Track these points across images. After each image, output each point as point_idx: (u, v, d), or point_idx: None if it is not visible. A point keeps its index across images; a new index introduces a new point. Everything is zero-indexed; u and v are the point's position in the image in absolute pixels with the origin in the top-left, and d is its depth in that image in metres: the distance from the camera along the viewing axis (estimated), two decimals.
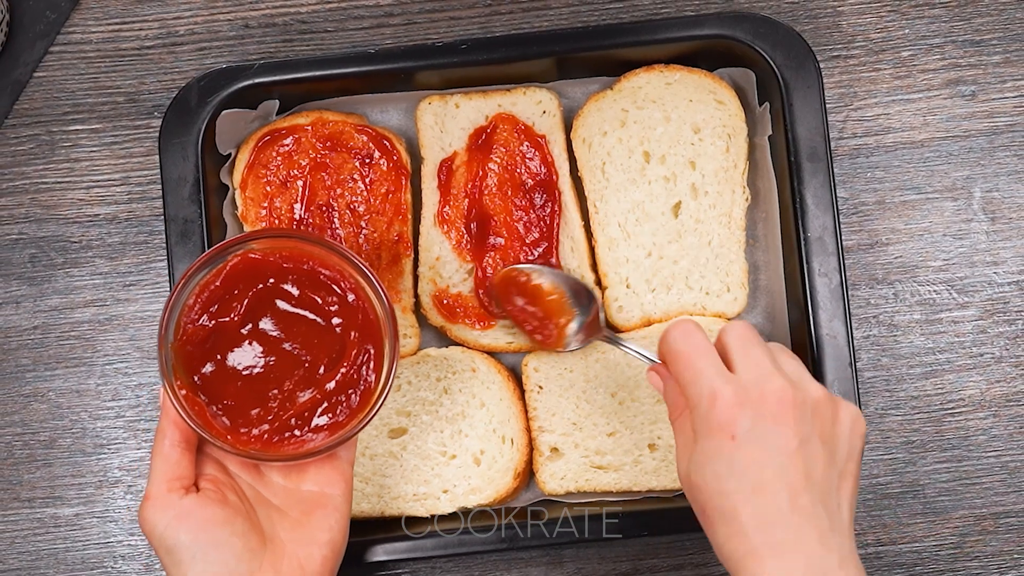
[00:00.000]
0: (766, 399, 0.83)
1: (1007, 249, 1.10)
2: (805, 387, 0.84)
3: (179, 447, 0.89)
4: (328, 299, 0.91)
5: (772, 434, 0.82)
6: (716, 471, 0.82)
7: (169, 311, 0.89)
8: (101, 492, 1.10)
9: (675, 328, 0.87)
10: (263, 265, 0.91)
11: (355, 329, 0.91)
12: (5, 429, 1.10)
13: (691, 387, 0.85)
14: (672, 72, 1.07)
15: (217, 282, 0.90)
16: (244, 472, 0.92)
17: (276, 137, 1.06)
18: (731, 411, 0.82)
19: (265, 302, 0.90)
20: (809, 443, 0.83)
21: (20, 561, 1.09)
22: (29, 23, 1.12)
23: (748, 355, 0.85)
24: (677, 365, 0.86)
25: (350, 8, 1.12)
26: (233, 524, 0.87)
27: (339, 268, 0.91)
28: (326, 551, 0.90)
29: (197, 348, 0.89)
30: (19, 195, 1.11)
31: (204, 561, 0.85)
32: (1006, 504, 1.09)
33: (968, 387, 1.10)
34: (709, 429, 0.83)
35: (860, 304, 1.10)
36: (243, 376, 0.90)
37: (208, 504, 0.87)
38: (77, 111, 1.12)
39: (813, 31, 1.11)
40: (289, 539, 0.90)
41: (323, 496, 0.91)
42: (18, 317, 1.11)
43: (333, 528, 0.90)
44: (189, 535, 0.86)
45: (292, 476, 0.92)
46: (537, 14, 1.12)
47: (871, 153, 1.11)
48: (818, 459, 0.83)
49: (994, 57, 1.11)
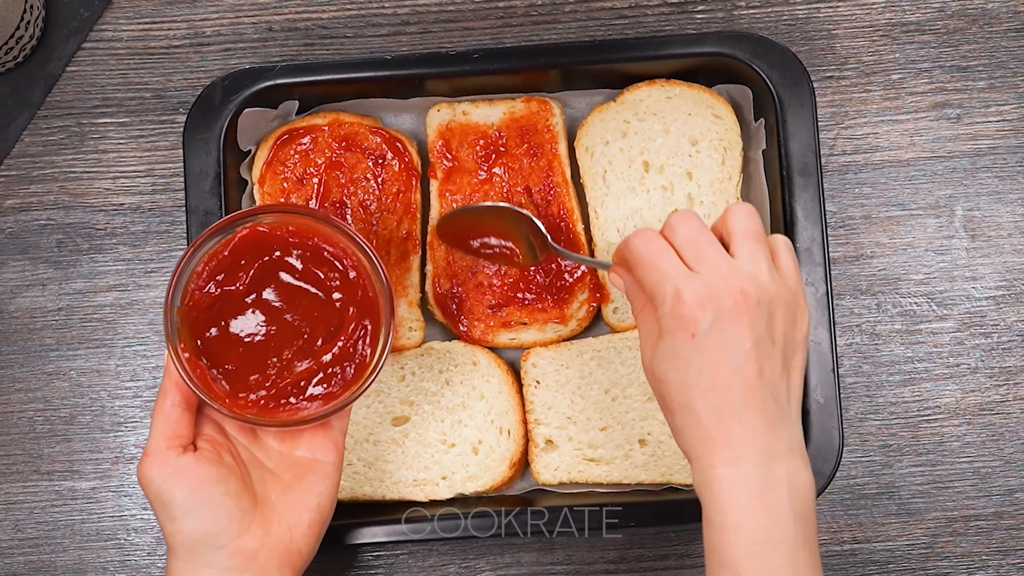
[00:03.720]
0: (724, 299, 0.83)
1: (985, 265, 1.10)
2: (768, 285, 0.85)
3: (179, 407, 0.89)
4: (330, 274, 0.91)
5: (729, 334, 0.83)
6: (677, 366, 0.84)
7: (177, 276, 0.88)
8: (117, 467, 1.11)
9: (636, 235, 0.87)
10: (270, 238, 0.91)
11: (354, 305, 0.91)
12: (28, 405, 1.11)
13: (656, 287, 0.85)
14: (673, 87, 1.07)
15: (225, 251, 0.90)
16: (241, 435, 0.92)
17: (294, 136, 1.07)
18: (692, 310, 0.83)
19: (270, 273, 0.91)
20: (762, 343, 0.84)
21: (38, 530, 1.10)
22: (63, 20, 1.12)
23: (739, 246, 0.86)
24: (640, 268, 0.86)
25: (369, 16, 1.13)
26: (227, 483, 0.87)
27: (343, 246, 0.91)
28: (314, 515, 0.90)
29: (202, 314, 0.89)
30: (49, 183, 1.12)
31: (197, 518, 0.86)
32: (976, 507, 1.09)
33: (944, 395, 1.10)
34: (672, 326, 0.84)
35: (844, 313, 1.10)
36: (244, 343, 0.90)
37: (204, 463, 0.87)
38: (106, 105, 1.12)
39: (808, 52, 1.11)
40: (280, 501, 0.90)
41: (315, 463, 0.91)
42: (44, 299, 1.11)
43: (322, 494, 0.91)
44: (184, 491, 0.86)
45: (287, 442, 0.92)
46: (546, 27, 1.12)
47: (859, 170, 1.11)
48: (770, 356, 0.84)
49: (979, 83, 1.11)
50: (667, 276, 0.85)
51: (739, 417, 0.83)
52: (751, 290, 0.84)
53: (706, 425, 0.83)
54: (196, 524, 0.87)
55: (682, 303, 0.83)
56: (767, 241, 0.88)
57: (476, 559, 1.10)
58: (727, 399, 0.83)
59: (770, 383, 0.84)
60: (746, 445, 0.83)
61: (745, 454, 0.82)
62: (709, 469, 0.83)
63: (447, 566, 1.10)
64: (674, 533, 1.10)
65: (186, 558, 0.87)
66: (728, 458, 0.83)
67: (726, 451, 0.83)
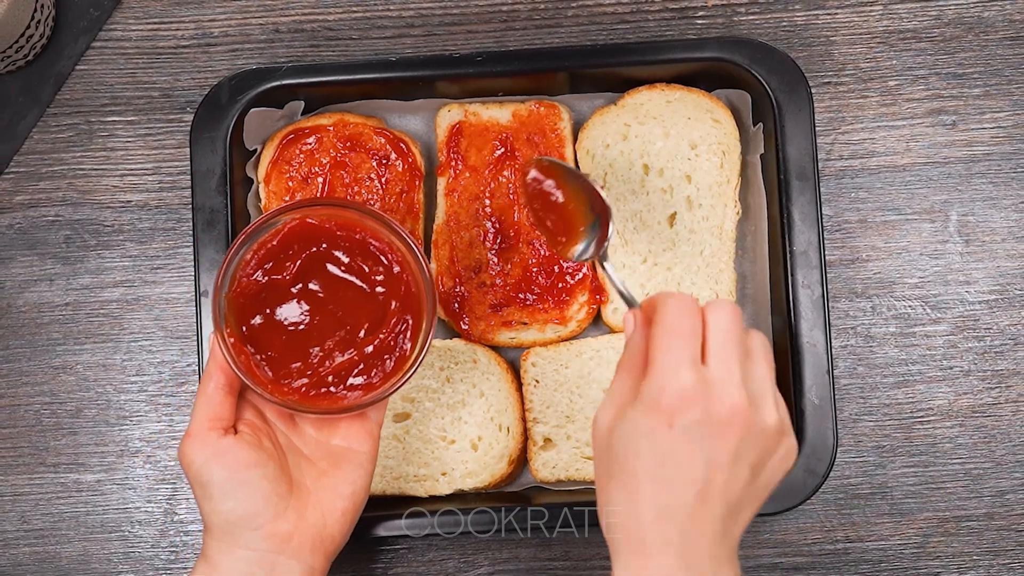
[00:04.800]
0: (722, 406, 0.79)
1: (979, 270, 1.11)
2: (763, 411, 0.81)
3: (222, 390, 0.90)
4: (375, 268, 0.92)
5: (711, 441, 0.79)
6: (639, 448, 0.79)
7: (227, 263, 0.90)
8: (122, 461, 1.11)
9: (676, 300, 0.82)
10: (319, 230, 0.92)
11: (396, 299, 0.92)
12: (35, 398, 1.11)
13: (660, 358, 0.80)
14: (673, 91, 1.07)
15: (274, 241, 0.91)
16: (280, 421, 0.93)
17: (300, 136, 1.07)
18: (684, 400, 0.78)
19: (316, 265, 0.92)
20: (739, 463, 0.80)
21: (43, 522, 1.10)
22: (73, 19, 1.13)
23: (723, 350, 0.81)
24: (661, 335, 0.81)
25: (374, 18, 1.13)
26: (265, 467, 0.88)
27: (388, 241, 0.92)
28: (347, 503, 0.91)
29: (249, 301, 0.91)
30: (57, 180, 1.12)
31: (234, 499, 0.87)
32: (968, 508, 1.10)
33: (937, 397, 1.10)
34: (654, 405, 0.79)
35: (839, 316, 1.10)
36: (288, 331, 0.91)
37: (244, 446, 0.88)
38: (115, 103, 1.13)
39: (807, 58, 1.12)
40: (315, 488, 0.91)
41: (350, 452, 0.92)
42: (51, 294, 1.12)
43: (356, 483, 0.92)
44: (223, 472, 0.87)
45: (324, 429, 0.93)
46: (549, 31, 1.12)
47: (856, 175, 1.11)
48: (741, 480, 0.80)
49: (975, 90, 1.12)
50: (681, 356, 0.80)
51: (681, 528, 0.79)
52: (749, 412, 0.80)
53: (642, 521, 0.79)
54: (233, 505, 0.88)
55: (680, 389, 0.79)
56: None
57: (475, 554, 1.10)
58: (679, 503, 0.79)
59: (730, 505, 0.80)
60: (676, 560, 0.78)
61: (677, 560, 0.78)
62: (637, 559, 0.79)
63: (446, 561, 1.10)
64: None
65: (221, 538, 0.88)
66: (655, 569, 0.79)
67: (656, 558, 0.79)
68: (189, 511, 1.11)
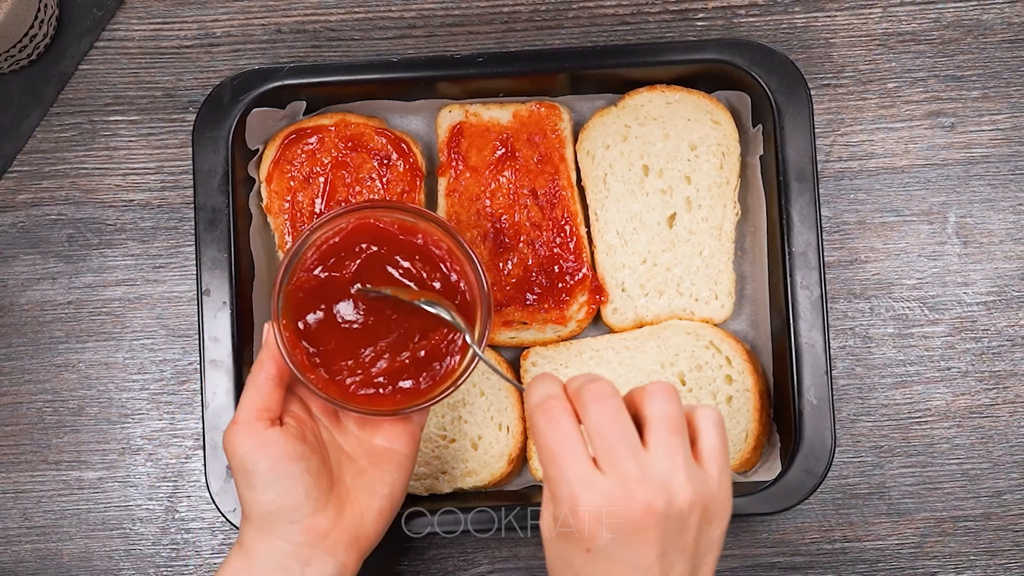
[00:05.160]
0: (628, 515, 0.75)
1: (977, 271, 1.11)
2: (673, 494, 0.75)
3: (272, 381, 0.90)
4: (432, 274, 0.93)
5: (630, 550, 0.75)
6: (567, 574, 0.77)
7: (290, 257, 0.90)
8: (123, 458, 1.11)
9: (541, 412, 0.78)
10: (382, 232, 0.92)
11: (451, 307, 0.92)
12: (37, 396, 1.12)
13: (553, 485, 0.76)
14: (673, 92, 1.08)
15: (337, 239, 0.92)
16: (324, 417, 0.93)
17: (302, 136, 1.08)
18: (590, 526, 0.75)
19: (376, 266, 0.92)
20: (668, 555, 0.76)
21: (45, 519, 1.11)
22: (77, 19, 1.13)
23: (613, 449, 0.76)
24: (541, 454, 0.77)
25: (376, 19, 1.13)
26: (308, 461, 0.88)
27: (448, 248, 0.93)
28: (384, 503, 0.92)
29: (307, 296, 0.91)
30: (60, 179, 1.13)
31: (276, 490, 0.87)
32: (965, 509, 1.10)
33: (935, 398, 1.11)
34: (566, 535, 0.76)
35: (838, 316, 1.11)
36: (342, 329, 0.92)
37: (289, 439, 0.88)
38: (117, 103, 1.13)
39: (806, 60, 1.12)
40: (353, 485, 0.91)
41: (391, 452, 0.93)
42: (54, 292, 1.12)
43: (395, 483, 0.92)
44: (268, 463, 0.87)
45: (367, 428, 0.93)
46: (550, 32, 1.13)
47: (855, 176, 1.12)
48: (678, 564, 0.77)
49: (973, 92, 1.12)
50: (565, 478, 0.76)
51: None
52: (659, 503, 0.75)
53: None
54: (274, 496, 0.88)
55: (578, 516, 0.75)
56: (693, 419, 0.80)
57: (474, 552, 1.11)
58: None
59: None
60: None
61: None
62: None
63: (446, 559, 1.11)
64: None
65: (260, 527, 0.88)
66: None
67: None
68: (190, 509, 1.12)
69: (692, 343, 1.07)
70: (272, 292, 0.91)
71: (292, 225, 1.08)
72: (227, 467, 1.02)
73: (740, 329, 1.10)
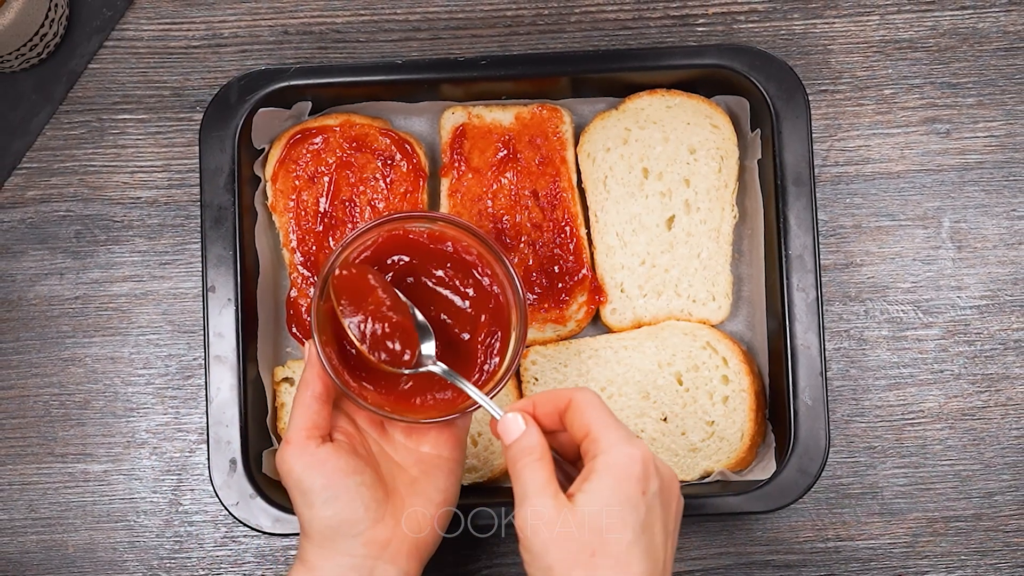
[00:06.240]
0: (668, 472, 0.84)
1: (971, 276, 1.12)
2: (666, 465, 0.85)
3: (319, 399, 0.89)
4: (466, 281, 0.93)
5: (665, 506, 0.83)
6: (625, 517, 0.81)
7: (324, 274, 0.89)
8: (128, 452, 1.12)
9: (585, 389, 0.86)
10: (413, 243, 0.92)
11: (486, 313, 0.92)
12: (44, 389, 1.12)
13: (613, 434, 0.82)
14: (673, 96, 1.08)
15: (368, 253, 0.91)
16: (371, 429, 0.93)
17: (307, 136, 1.08)
18: (647, 467, 0.82)
19: (410, 276, 0.92)
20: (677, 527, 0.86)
21: (51, 511, 1.11)
22: (87, 18, 1.14)
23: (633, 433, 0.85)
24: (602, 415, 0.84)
25: (381, 22, 1.14)
26: (363, 475, 0.88)
27: (480, 254, 0.92)
28: (439, 508, 0.91)
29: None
30: (69, 176, 1.13)
31: (334, 506, 0.87)
32: (956, 509, 1.10)
33: (928, 400, 1.11)
34: (627, 475, 0.81)
35: (833, 319, 1.11)
36: None
37: (342, 454, 0.88)
38: (126, 102, 1.14)
39: (804, 66, 1.13)
40: (408, 494, 0.91)
41: (439, 458, 0.92)
42: (62, 287, 1.13)
43: (447, 488, 0.92)
44: (323, 480, 0.87)
45: (413, 437, 0.93)
46: (552, 36, 1.13)
47: (851, 181, 1.12)
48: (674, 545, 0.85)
49: (968, 99, 1.13)
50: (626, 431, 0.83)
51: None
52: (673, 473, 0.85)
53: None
54: (333, 512, 0.87)
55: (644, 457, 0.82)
56: None
57: (472, 549, 1.11)
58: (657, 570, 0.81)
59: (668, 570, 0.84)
60: None
61: None
62: None
63: (444, 555, 1.10)
64: None
65: (321, 543, 0.88)
66: None
67: None
68: (193, 502, 1.12)
69: (689, 343, 1.07)
70: (311, 311, 0.90)
71: (296, 223, 1.08)
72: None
73: (737, 330, 1.10)
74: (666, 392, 1.07)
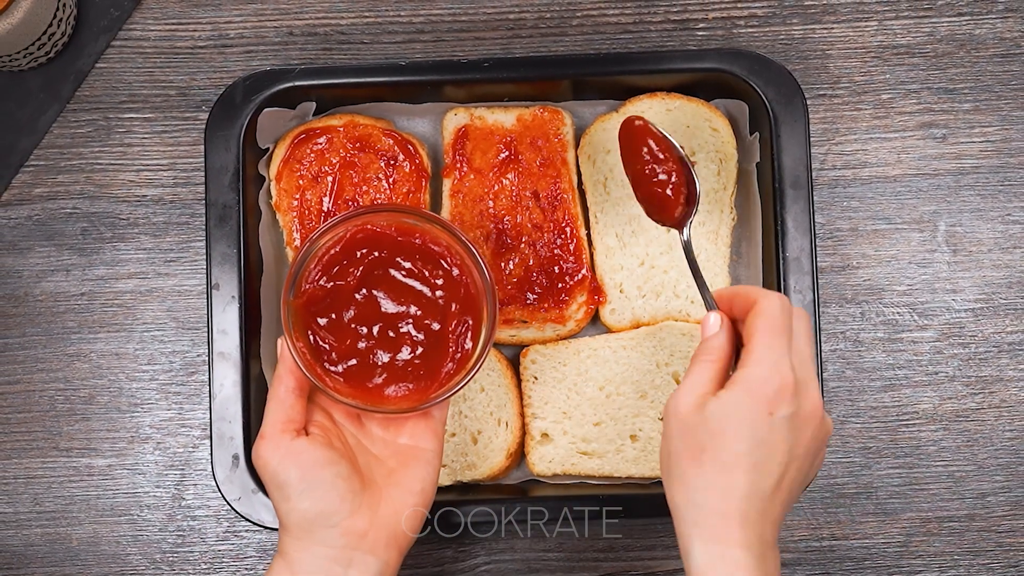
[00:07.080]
0: (808, 404, 0.85)
1: (966, 279, 1.12)
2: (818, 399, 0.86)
3: (293, 393, 0.90)
4: (435, 272, 0.93)
5: (796, 434, 0.84)
6: (740, 431, 0.83)
7: (294, 271, 0.90)
8: (132, 447, 1.12)
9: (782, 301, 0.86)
10: (380, 236, 0.92)
11: (456, 301, 0.92)
12: (49, 384, 1.12)
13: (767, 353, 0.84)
14: (673, 100, 1.08)
15: (337, 248, 0.92)
16: (348, 422, 0.93)
17: (311, 136, 1.08)
18: (783, 393, 0.83)
19: (379, 270, 0.92)
20: (807, 456, 0.86)
21: (55, 504, 1.11)
22: (94, 18, 1.14)
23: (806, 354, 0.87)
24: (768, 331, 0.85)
25: (385, 24, 1.14)
26: (338, 466, 0.88)
27: (447, 244, 0.93)
28: (417, 499, 0.91)
29: (315, 306, 0.91)
30: (76, 173, 1.13)
31: (310, 498, 0.88)
32: (950, 510, 1.11)
33: (922, 402, 1.11)
34: (757, 393, 0.83)
35: (829, 320, 1.11)
36: (354, 334, 0.92)
37: (317, 447, 0.88)
38: (133, 101, 1.14)
39: (803, 71, 1.13)
40: (385, 485, 0.91)
41: (417, 449, 0.93)
42: (67, 284, 1.13)
43: (425, 480, 0.92)
44: (298, 472, 0.87)
45: (390, 429, 0.93)
46: (554, 39, 1.13)
47: (848, 184, 1.12)
48: (803, 472, 0.86)
49: (965, 104, 1.13)
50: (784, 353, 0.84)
51: (763, 508, 0.83)
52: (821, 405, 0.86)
53: (737, 497, 0.83)
54: (310, 504, 0.88)
55: (782, 383, 0.83)
56: None
57: (471, 544, 1.11)
58: (761, 489, 0.83)
59: (790, 495, 0.85)
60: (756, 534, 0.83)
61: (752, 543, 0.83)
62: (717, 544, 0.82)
63: (443, 551, 1.11)
64: (661, 524, 1.11)
65: (299, 535, 0.89)
66: (740, 539, 0.82)
67: (739, 531, 0.82)
68: (196, 497, 1.13)
69: (687, 344, 1.07)
70: (281, 306, 0.91)
71: (300, 222, 1.09)
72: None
73: None
74: (664, 392, 1.07)
